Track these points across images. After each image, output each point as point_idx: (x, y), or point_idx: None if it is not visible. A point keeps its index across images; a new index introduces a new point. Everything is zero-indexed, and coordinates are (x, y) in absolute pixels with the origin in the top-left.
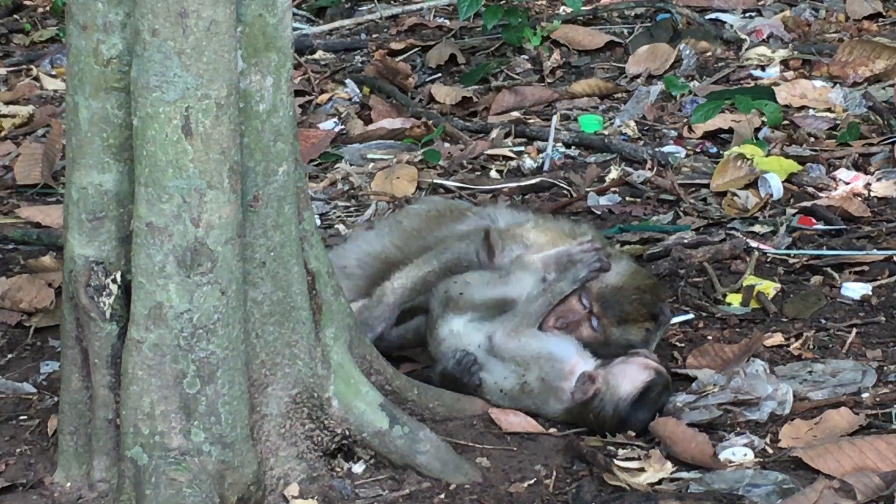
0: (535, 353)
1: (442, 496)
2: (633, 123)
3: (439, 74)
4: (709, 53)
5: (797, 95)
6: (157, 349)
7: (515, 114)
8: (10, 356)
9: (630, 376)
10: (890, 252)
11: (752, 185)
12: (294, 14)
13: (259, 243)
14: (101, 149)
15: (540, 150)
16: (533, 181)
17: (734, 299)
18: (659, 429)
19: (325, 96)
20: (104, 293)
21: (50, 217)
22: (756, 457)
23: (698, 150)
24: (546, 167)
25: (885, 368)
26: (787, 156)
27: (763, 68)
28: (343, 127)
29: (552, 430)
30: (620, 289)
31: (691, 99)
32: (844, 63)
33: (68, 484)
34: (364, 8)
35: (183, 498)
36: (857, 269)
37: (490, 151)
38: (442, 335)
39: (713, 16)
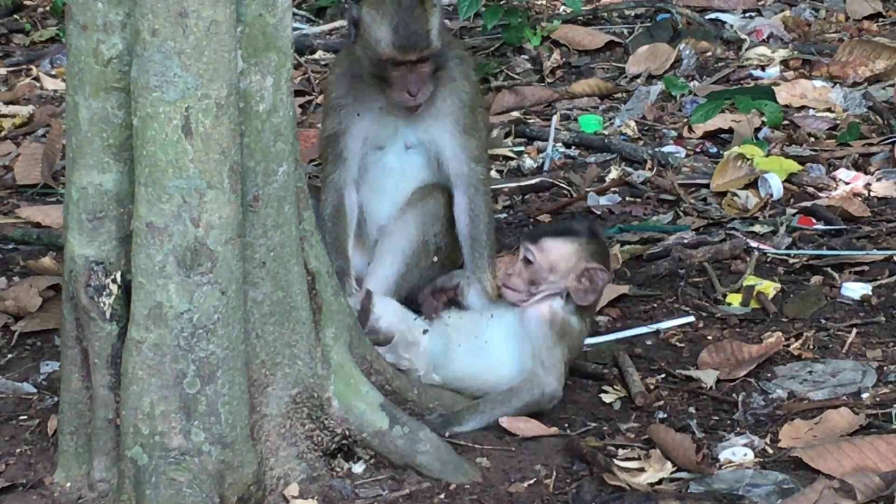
0: None
1: (442, 496)
2: (633, 123)
3: None
4: (709, 53)
5: (797, 95)
6: (157, 349)
7: (515, 114)
8: (10, 356)
9: None
10: (890, 252)
11: (752, 185)
12: (294, 14)
13: (259, 243)
14: (101, 149)
15: (540, 150)
16: (533, 181)
17: (734, 299)
18: (652, 435)
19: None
20: (104, 293)
21: (50, 217)
22: (756, 457)
23: (698, 150)
24: (546, 167)
25: (885, 368)
26: (787, 156)
27: (763, 68)
28: None
29: (553, 430)
30: None
31: (691, 99)
32: (844, 63)
33: (68, 484)
34: None
35: (183, 498)
36: (857, 269)
37: (490, 151)
38: None
39: (713, 16)
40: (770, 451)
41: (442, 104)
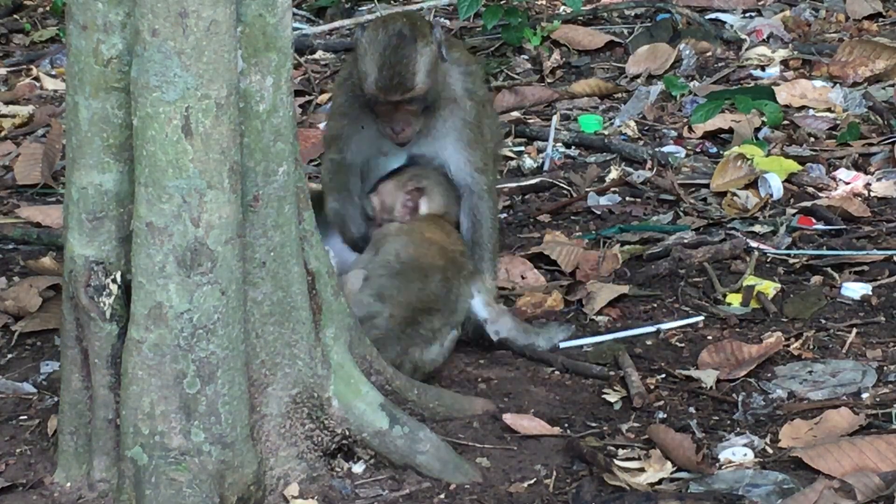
0: None
1: (442, 496)
2: (633, 123)
3: None
4: (709, 53)
5: (797, 95)
6: (157, 349)
7: (515, 114)
8: (10, 356)
9: None
10: (890, 252)
11: (752, 185)
12: (294, 14)
13: (259, 243)
14: (101, 149)
15: (540, 150)
16: (533, 181)
17: (734, 299)
18: (652, 435)
19: (325, 96)
20: (104, 293)
21: (50, 217)
22: (756, 457)
23: (698, 150)
24: (546, 167)
25: (885, 368)
26: (787, 156)
27: (763, 68)
28: None
29: (554, 429)
30: None
31: (691, 99)
32: (844, 63)
33: (68, 484)
34: (364, 8)
35: (183, 498)
36: (857, 269)
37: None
38: None
39: (713, 16)
40: (770, 451)
41: (443, 126)
